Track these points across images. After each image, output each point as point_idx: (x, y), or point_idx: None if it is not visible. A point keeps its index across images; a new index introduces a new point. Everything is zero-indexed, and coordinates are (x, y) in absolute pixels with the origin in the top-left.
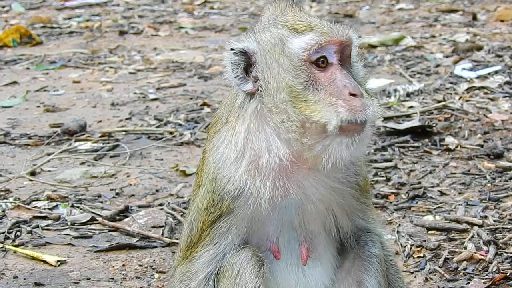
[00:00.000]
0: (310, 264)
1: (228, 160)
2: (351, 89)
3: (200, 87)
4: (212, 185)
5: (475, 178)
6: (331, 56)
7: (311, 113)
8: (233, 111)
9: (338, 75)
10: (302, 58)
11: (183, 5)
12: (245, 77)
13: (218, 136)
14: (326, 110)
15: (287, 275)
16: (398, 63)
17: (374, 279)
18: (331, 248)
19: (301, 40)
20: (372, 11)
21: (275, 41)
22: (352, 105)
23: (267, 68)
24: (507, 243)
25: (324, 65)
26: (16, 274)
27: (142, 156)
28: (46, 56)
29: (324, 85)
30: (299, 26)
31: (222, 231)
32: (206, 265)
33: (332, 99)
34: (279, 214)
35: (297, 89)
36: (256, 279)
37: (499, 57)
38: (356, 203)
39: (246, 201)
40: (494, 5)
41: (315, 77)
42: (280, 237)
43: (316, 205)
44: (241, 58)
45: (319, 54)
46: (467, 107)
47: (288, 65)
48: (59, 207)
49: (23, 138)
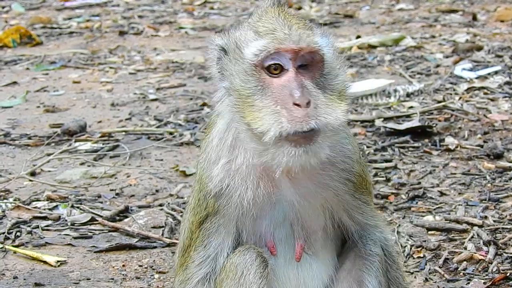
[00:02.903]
0: (307, 260)
1: (210, 159)
2: (296, 98)
3: (200, 88)
4: (199, 184)
5: (475, 178)
6: (287, 63)
7: (252, 121)
8: (216, 108)
9: (289, 82)
10: (251, 62)
11: (183, 6)
12: (223, 73)
13: (207, 135)
14: (266, 119)
15: (285, 270)
16: (398, 63)
17: (375, 279)
18: (329, 245)
19: (254, 44)
20: (372, 11)
21: (237, 42)
22: (293, 115)
23: (228, 68)
24: (507, 243)
25: (277, 71)
26: (16, 275)
27: (142, 157)
28: (46, 56)
29: (272, 92)
30: (262, 29)
31: (211, 232)
32: (199, 268)
33: (276, 107)
34: (270, 211)
35: (245, 94)
36: (260, 280)
37: (499, 57)
38: (351, 199)
39: (228, 201)
40: (494, 5)
41: (265, 83)
42: (275, 233)
43: (303, 203)
44: (221, 54)
45: (273, 61)
46: (467, 108)
47: (240, 68)
48: (59, 207)
49: (23, 138)
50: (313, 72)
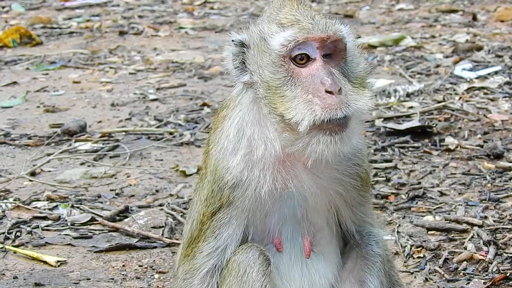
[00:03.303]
0: (314, 258)
1: (226, 150)
2: (328, 86)
3: (200, 88)
4: (213, 176)
5: (475, 179)
6: (314, 52)
7: (285, 111)
8: (232, 102)
9: (318, 71)
10: (280, 54)
11: (183, 6)
12: (244, 68)
13: (220, 127)
14: (300, 108)
15: (291, 268)
16: (398, 63)
17: (377, 279)
18: (334, 243)
19: (280, 36)
20: (372, 11)
21: (262, 35)
22: (327, 103)
23: (255, 62)
24: (507, 243)
25: (304, 61)
26: (16, 275)
27: (142, 157)
28: (46, 56)
29: (302, 82)
30: (286, 21)
31: (222, 223)
32: (208, 258)
33: (308, 96)
34: (281, 206)
35: (275, 85)
36: (263, 278)
37: (499, 57)
38: (357, 195)
39: (244, 192)
40: (494, 5)
41: (294, 73)
42: (282, 230)
43: (318, 197)
44: (240, 50)
45: (299, 51)
46: (467, 108)
47: (267, 60)
48: (59, 207)
49: (23, 138)
50: (337, 60)
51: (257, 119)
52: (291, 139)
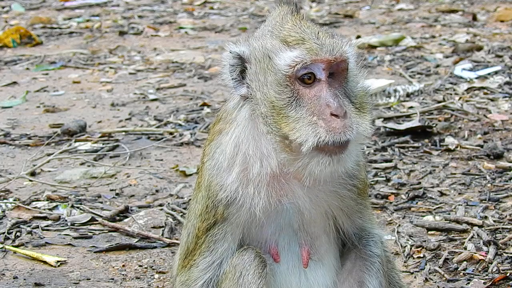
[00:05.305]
0: (312, 267)
1: (221, 167)
2: (334, 109)
3: (200, 88)
4: (207, 191)
5: (475, 179)
6: (320, 73)
7: (290, 131)
8: (229, 115)
9: (323, 93)
10: (286, 74)
11: (183, 6)
12: (241, 80)
13: (215, 141)
14: (304, 129)
15: (288, 278)
16: (398, 63)
17: (376, 279)
18: (332, 249)
19: (287, 56)
20: (372, 11)
21: (265, 52)
22: (332, 126)
23: (256, 78)
24: (507, 243)
25: (311, 81)
26: (16, 275)
27: (142, 157)
28: (46, 56)
29: (307, 103)
30: (291, 39)
31: (218, 238)
32: (204, 272)
33: (313, 118)
34: (276, 218)
35: (279, 105)
36: (259, 280)
37: (499, 57)
38: (355, 204)
39: (239, 209)
40: (494, 5)
41: (299, 93)
42: (279, 240)
43: (314, 210)
44: (238, 62)
45: (305, 71)
46: (467, 108)
47: (272, 79)
48: (59, 207)
49: (23, 138)
50: (340, 80)
51: (253, 136)
52: (290, 159)
